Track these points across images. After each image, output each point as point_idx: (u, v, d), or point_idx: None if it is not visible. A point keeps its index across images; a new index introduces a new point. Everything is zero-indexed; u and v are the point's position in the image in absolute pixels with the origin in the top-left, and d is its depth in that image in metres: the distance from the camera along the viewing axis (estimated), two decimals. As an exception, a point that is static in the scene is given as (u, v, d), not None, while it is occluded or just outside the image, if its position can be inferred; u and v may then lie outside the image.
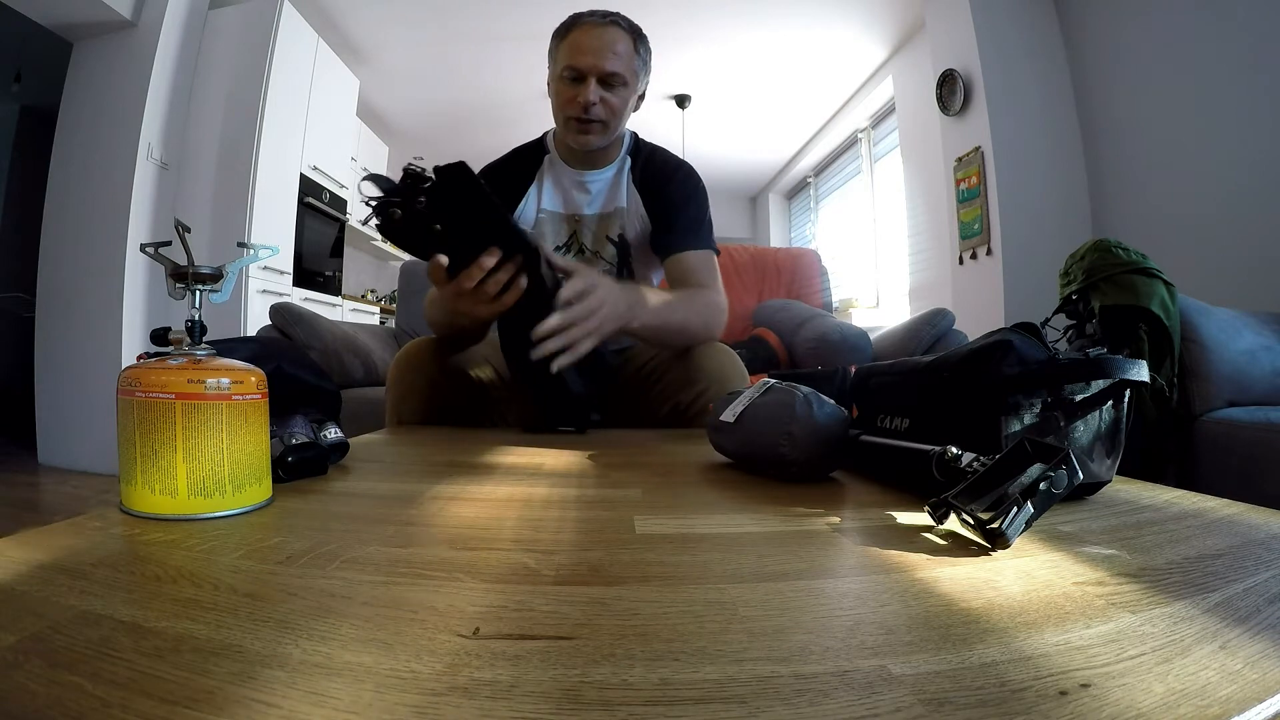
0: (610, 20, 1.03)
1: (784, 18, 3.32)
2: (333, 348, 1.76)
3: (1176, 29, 2.24)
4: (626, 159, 1.15)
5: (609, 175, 1.14)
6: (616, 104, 1.04)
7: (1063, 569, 0.33)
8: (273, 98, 2.74)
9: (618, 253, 1.14)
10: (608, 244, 1.14)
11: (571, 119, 1.04)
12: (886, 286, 4.03)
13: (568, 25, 1.05)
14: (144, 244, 0.47)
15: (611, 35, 1.02)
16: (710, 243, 1.12)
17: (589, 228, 1.14)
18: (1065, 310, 1.52)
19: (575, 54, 1.02)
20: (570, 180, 1.14)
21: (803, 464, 0.55)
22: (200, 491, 0.41)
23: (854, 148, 4.55)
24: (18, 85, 3.41)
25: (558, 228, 1.14)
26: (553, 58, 1.08)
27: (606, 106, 1.03)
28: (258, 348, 0.58)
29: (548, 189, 1.14)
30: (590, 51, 1.01)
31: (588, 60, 1.01)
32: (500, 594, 0.30)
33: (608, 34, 1.02)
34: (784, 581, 0.32)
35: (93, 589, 0.29)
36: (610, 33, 1.02)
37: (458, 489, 0.53)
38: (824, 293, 2.40)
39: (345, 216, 3.66)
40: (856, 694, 0.21)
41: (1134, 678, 0.22)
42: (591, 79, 1.01)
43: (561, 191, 1.14)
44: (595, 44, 1.01)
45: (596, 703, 0.20)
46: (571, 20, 1.05)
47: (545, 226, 1.14)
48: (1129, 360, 0.48)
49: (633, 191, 1.14)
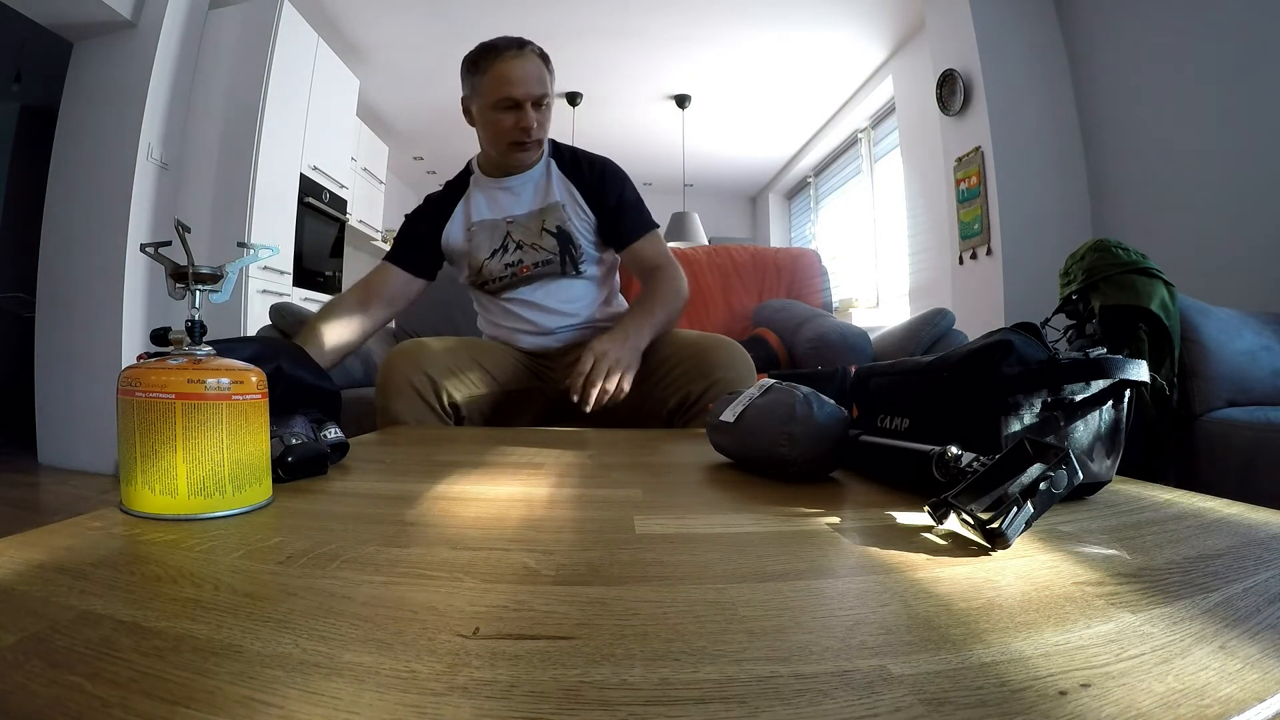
0: (527, 48, 1.13)
1: (784, 18, 3.31)
2: (333, 348, 1.76)
3: (1176, 29, 2.23)
4: (550, 161, 1.26)
5: (536, 176, 1.25)
6: (546, 121, 1.18)
7: (1063, 569, 0.33)
8: (273, 98, 2.74)
9: (558, 243, 1.23)
10: (546, 235, 1.23)
11: (514, 143, 1.16)
12: (886, 286, 4.03)
13: (487, 57, 1.13)
14: (144, 244, 0.47)
15: (534, 63, 1.13)
16: (650, 220, 1.28)
17: (521, 224, 1.23)
18: (1065, 310, 1.52)
19: (507, 85, 1.11)
20: (497, 188, 1.25)
21: (803, 464, 0.55)
22: (200, 491, 0.41)
23: (854, 148, 4.55)
24: (18, 85, 3.40)
25: (490, 233, 1.23)
26: (474, 88, 1.16)
27: (540, 126, 1.16)
28: (258, 348, 0.58)
29: (477, 203, 1.25)
30: (521, 82, 1.11)
31: (521, 90, 1.12)
32: (500, 594, 0.30)
33: (531, 62, 1.13)
34: (784, 581, 0.32)
35: (93, 589, 0.29)
36: (532, 61, 1.13)
37: (458, 489, 0.53)
38: (824, 293, 2.40)
39: (345, 216, 3.66)
40: (856, 694, 0.21)
41: (1134, 678, 0.22)
42: (527, 105, 1.12)
43: (490, 200, 1.25)
44: (523, 74, 1.11)
45: (596, 703, 0.20)
46: (488, 52, 1.13)
47: (478, 236, 1.23)
48: (1129, 360, 0.48)
49: (566, 186, 1.24)
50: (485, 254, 1.22)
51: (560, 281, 1.24)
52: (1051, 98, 2.68)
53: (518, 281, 1.23)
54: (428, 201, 1.30)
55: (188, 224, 0.47)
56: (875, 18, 3.32)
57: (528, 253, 1.22)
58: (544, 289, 1.23)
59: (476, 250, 1.23)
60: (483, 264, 1.22)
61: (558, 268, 1.23)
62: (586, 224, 1.24)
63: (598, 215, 1.24)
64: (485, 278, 1.23)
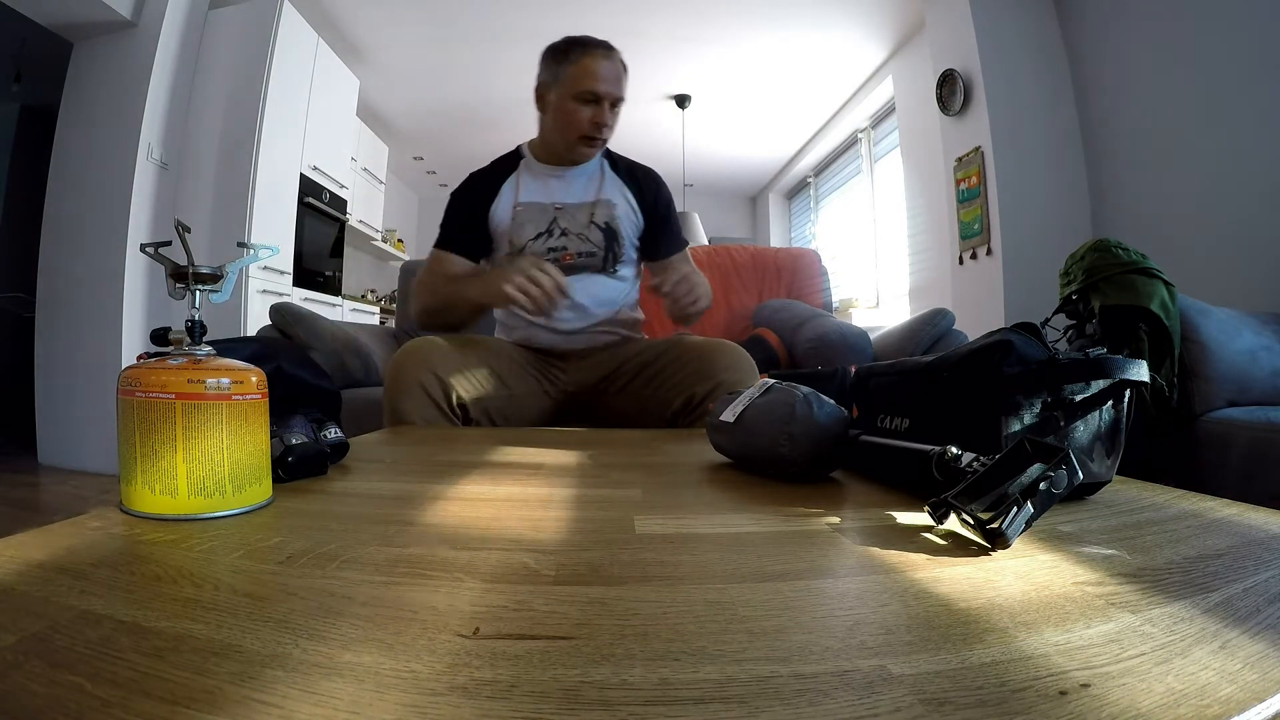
0: (614, 53, 1.19)
1: (784, 18, 3.31)
2: (333, 348, 1.76)
3: (1176, 29, 2.23)
4: (603, 160, 1.31)
5: (589, 170, 1.28)
6: (615, 124, 1.22)
7: (1063, 569, 0.33)
8: (273, 98, 2.74)
9: (604, 238, 1.25)
10: (593, 228, 1.25)
11: (584, 136, 1.18)
12: (886, 286, 4.03)
13: (577, 49, 1.17)
14: (144, 244, 0.47)
15: (619, 67, 1.19)
16: (684, 238, 1.38)
17: (570, 213, 1.25)
18: (1065, 310, 1.52)
19: (594, 80, 1.15)
20: (548, 175, 1.27)
21: (803, 464, 0.55)
22: (200, 491, 0.41)
23: (854, 148, 4.54)
24: (18, 85, 3.40)
25: (537, 216, 1.24)
26: (556, 76, 1.17)
27: (610, 128, 1.20)
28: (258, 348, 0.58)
29: (525, 184, 1.26)
30: (608, 80, 1.16)
31: (605, 88, 1.16)
32: (500, 594, 0.30)
33: (616, 65, 1.18)
34: (784, 581, 0.32)
35: (93, 589, 0.29)
36: (618, 65, 1.19)
37: (458, 489, 0.53)
38: (824, 293, 2.40)
39: (345, 216, 3.66)
40: (856, 694, 0.21)
41: (1134, 678, 0.22)
42: (606, 103, 1.17)
43: (541, 185, 1.26)
44: (612, 73, 1.17)
45: (596, 703, 0.20)
46: (577, 45, 1.17)
47: (523, 216, 1.24)
48: (1129, 360, 0.48)
49: (620, 187, 1.28)
50: (530, 235, 1.22)
51: (597, 277, 1.26)
52: (1051, 98, 2.68)
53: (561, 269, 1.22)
54: (472, 179, 1.30)
55: (188, 224, 0.47)
56: (875, 18, 3.32)
57: (573, 241, 1.23)
58: (581, 282, 1.24)
59: (519, 230, 1.23)
60: (526, 245, 1.22)
61: (599, 262, 1.25)
62: (634, 226, 1.29)
63: (647, 221, 1.29)
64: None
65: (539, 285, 1.01)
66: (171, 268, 0.47)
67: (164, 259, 0.47)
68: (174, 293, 0.47)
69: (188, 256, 0.46)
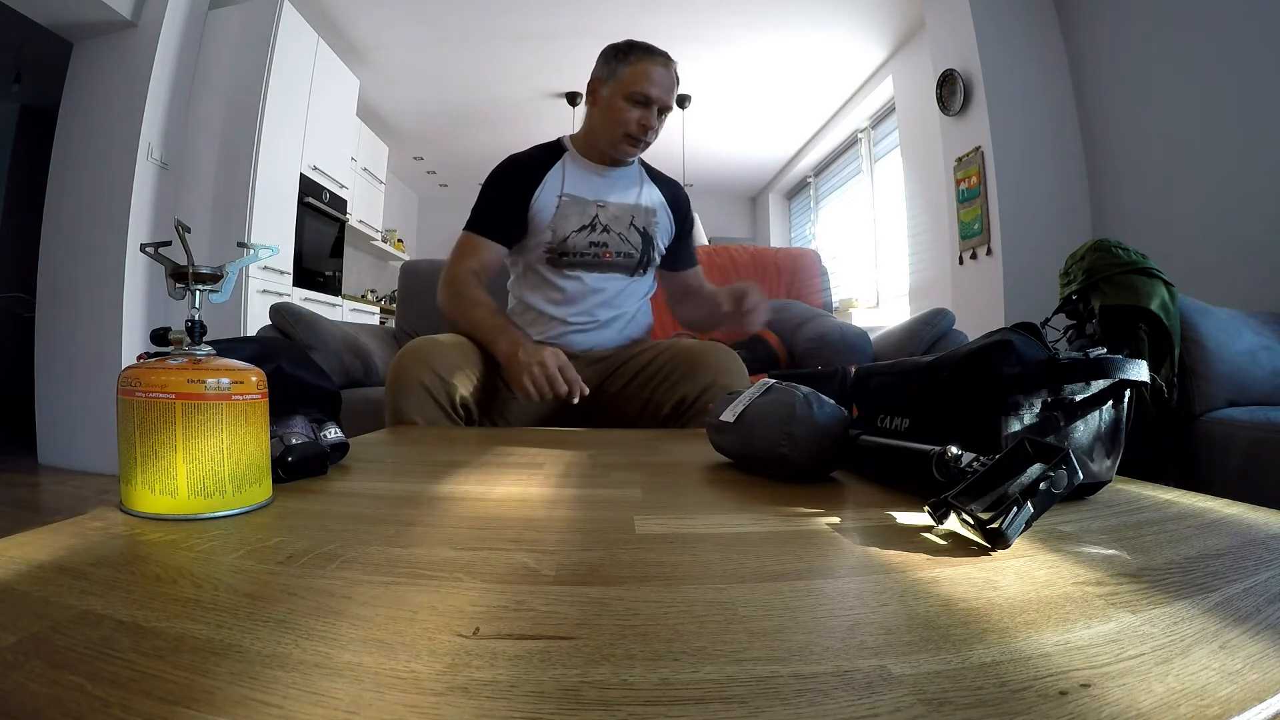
0: (672, 62, 1.21)
1: (784, 18, 3.32)
2: (333, 348, 1.76)
3: (1176, 29, 2.23)
4: (638, 163, 1.33)
5: (631, 174, 1.30)
6: (659, 131, 1.23)
7: (1063, 569, 0.33)
8: (273, 98, 2.74)
9: (642, 243, 1.28)
10: (634, 231, 1.27)
11: (629, 135, 1.20)
12: (886, 286, 4.03)
13: (637, 52, 1.19)
14: (144, 244, 0.47)
15: (673, 77, 1.21)
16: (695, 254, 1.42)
17: (612, 212, 1.26)
18: (1065, 310, 1.52)
19: (649, 84, 1.17)
20: (592, 171, 1.27)
21: (803, 464, 0.55)
22: (200, 491, 0.41)
23: (854, 148, 4.55)
24: (18, 85, 3.41)
25: (581, 209, 1.25)
26: (613, 73, 1.20)
27: (656, 132, 1.22)
28: (258, 348, 0.58)
29: (570, 176, 1.26)
30: (662, 87, 1.18)
31: (657, 92, 1.18)
32: (500, 594, 0.30)
33: (671, 75, 1.20)
34: (784, 581, 0.32)
35: (93, 589, 0.29)
36: (673, 74, 1.21)
37: (458, 489, 0.53)
38: (824, 293, 2.40)
39: (345, 216, 3.66)
40: (856, 694, 0.21)
41: (1134, 678, 0.22)
42: (655, 108, 1.19)
43: (584, 180, 1.26)
44: (666, 81, 1.19)
45: (596, 703, 0.20)
46: (638, 48, 1.20)
47: (568, 208, 1.24)
48: (1129, 360, 0.48)
49: (659, 197, 1.32)
50: (574, 227, 1.22)
51: (625, 279, 1.27)
52: (1051, 98, 2.68)
53: (597, 264, 1.24)
54: (514, 163, 1.27)
55: (188, 224, 0.47)
56: (875, 18, 3.32)
57: (614, 240, 1.25)
58: (612, 281, 1.25)
59: (563, 221, 1.22)
60: (569, 235, 1.22)
61: (634, 264, 1.27)
62: (667, 236, 1.33)
63: (676, 232, 1.34)
64: (568, 249, 1.22)
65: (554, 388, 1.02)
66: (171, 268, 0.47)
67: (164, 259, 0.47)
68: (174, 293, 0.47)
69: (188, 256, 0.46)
